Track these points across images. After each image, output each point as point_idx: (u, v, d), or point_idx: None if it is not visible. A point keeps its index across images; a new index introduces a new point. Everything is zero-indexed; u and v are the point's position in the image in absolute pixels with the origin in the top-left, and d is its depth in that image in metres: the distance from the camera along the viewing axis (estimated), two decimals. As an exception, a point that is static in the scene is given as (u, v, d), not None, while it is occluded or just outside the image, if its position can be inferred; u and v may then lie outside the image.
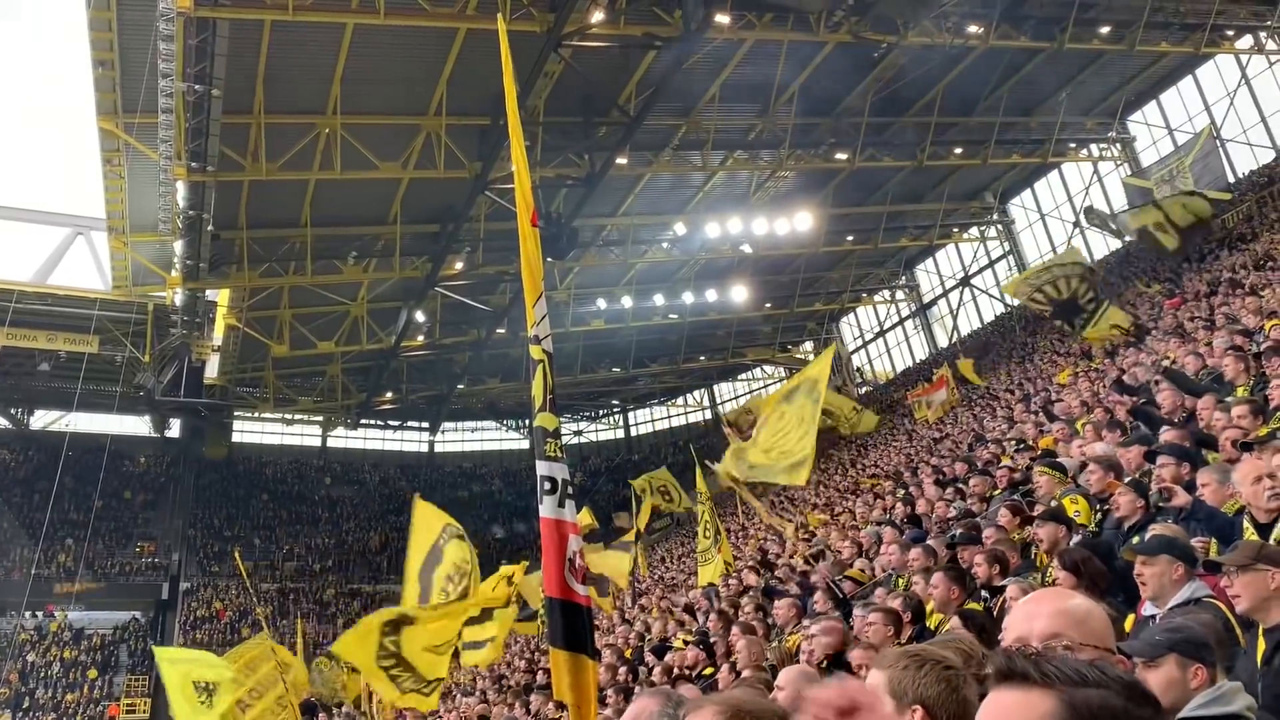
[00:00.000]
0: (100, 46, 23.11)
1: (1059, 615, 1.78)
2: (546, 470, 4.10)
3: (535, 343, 4.22)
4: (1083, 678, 1.31)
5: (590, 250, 34.94)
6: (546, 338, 4.26)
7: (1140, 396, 10.25)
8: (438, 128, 26.04)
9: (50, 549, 39.31)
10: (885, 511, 13.22)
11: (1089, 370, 18.14)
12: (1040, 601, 1.87)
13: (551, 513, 4.03)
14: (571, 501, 4.14)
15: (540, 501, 4.07)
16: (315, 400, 42.85)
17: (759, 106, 29.62)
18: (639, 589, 23.71)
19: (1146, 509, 5.51)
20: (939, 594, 5.70)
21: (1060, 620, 1.77)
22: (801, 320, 48.17)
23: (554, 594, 3.93)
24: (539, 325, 4.26)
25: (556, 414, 4.24)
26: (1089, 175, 37.72)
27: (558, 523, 4.02)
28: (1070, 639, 1.75)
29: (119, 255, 31.69)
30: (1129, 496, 5.61)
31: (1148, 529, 5.14)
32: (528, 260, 4.40)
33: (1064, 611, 1.79)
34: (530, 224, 4.45)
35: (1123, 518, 5.60)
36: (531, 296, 4.32)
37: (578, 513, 4.86)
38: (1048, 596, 1.91)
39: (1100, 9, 27.45)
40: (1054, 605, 1.83)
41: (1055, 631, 1.76)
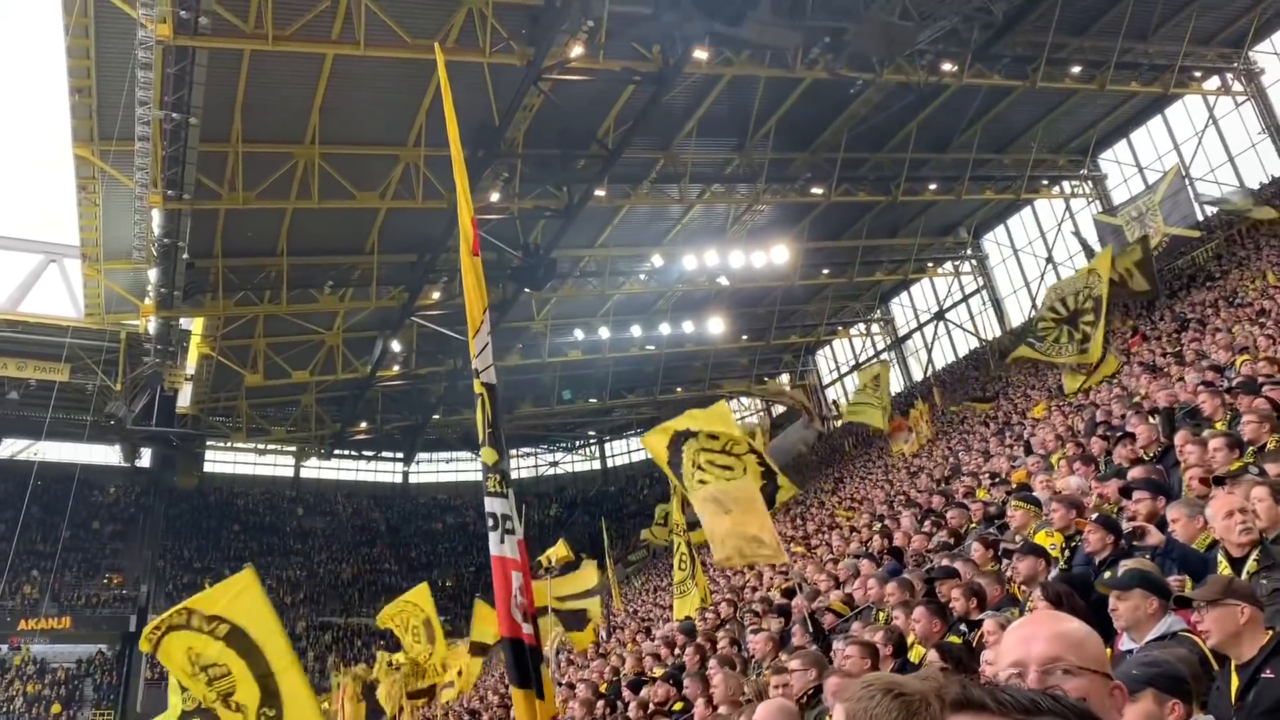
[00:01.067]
0: (78, 74, 23.04)
1: (1057, 639, 1.76)
2: (490, 506, 4.01)
3: (475, 376, 4.13)
4: (1037, 706, 1.32)
5: (568, 281, 35.00)
6: (487, 369, 4.17)
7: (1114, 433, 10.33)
8: (416, 158, 26.07)
9: (16, 580, 38.64)
10: (862, 544, 13.22)
11: (1063, 404, 18.28)
12: (1036, 624, 1.84)
13: (495, 549, 3.96)
14: (511, 536, 4.02)
15: (490, 538, 3.99)
16: (289, 430, 42.49)
17: (736, 141, 29.90)
18: (614, 622, 23.55)
19: (1116, 544, 5.55)
20: (921, 627, 5.70)
21: (1059, 644, 1.75)
22: (778, 352, 48.39)
23: (504, 633, 3.86)
24: (479, 357, 4.17)
25: (498, 448, 4.12)
26: (1061, 211, 38.25)
27: (501, 560, 3.94)
28: (1069, 663, 1.72)
29: (92, 283, 31.44)
30: (1099, 533, 5.64)
31: (1119, 564, 5.18)
32: (468, 290, 4.32)
33: (1062, 635, 1.76)
34: (471, 254, 4.39)
35: (1093, 552, 5.64)
36: (472, 327, 4.23)
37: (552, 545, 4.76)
38: (1043, 619, 1.88)
39: (1071, 49, 27.96)
40: (1051, 628, 1.80)
41: (1055, 655, 1.73)
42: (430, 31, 21.35)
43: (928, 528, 10.93)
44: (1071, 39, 27.67)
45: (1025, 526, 7.50)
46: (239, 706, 7.25)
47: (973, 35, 25.43)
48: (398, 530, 51.37)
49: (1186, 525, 5.14)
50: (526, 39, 21.64)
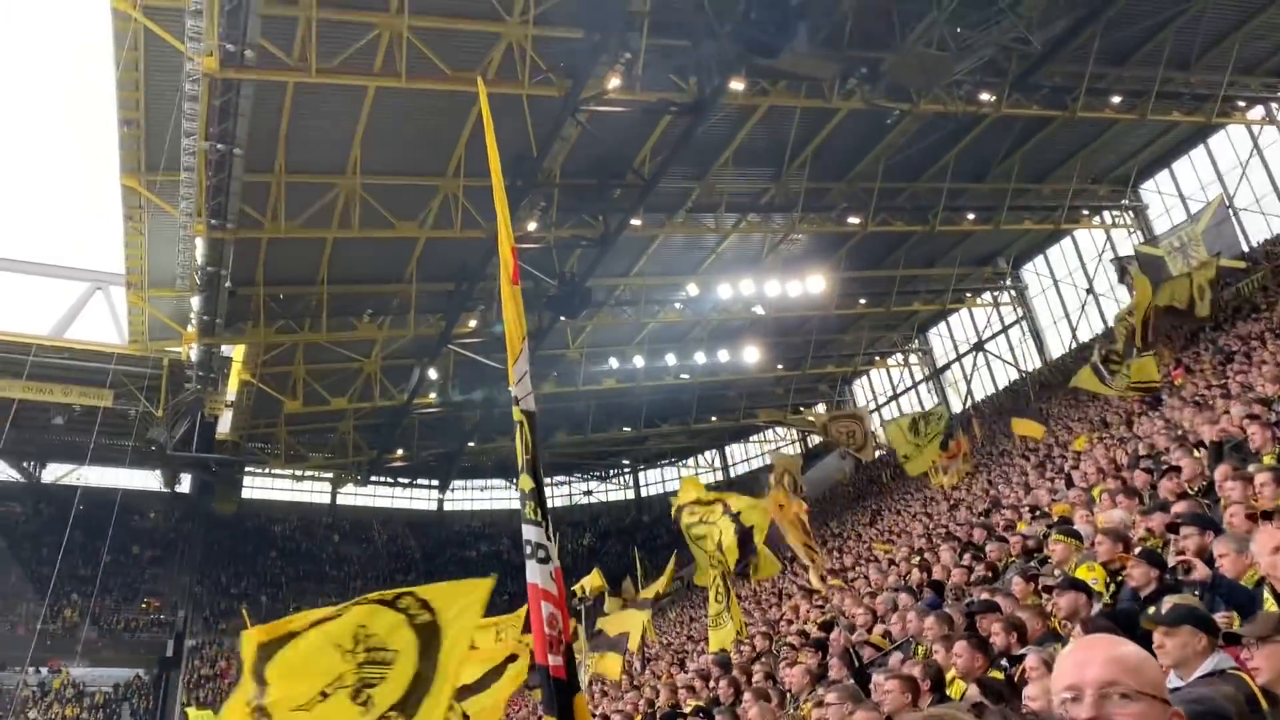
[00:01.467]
0: (127, 106, 23.56)
1: (1114, 662, 1.71)
2: (527, 533, 4.00)
3: (515, 403, 4.13)
4: None
5: (603, 310, 35.09)
6: (527, 397, 4.16)
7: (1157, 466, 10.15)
8: (455, 188, 26.36)
9: (57, 604, 39.14)
10: (901, 578, 13.05)
11: (1105, 437, 18.01)
12: (1092, 648, 1.79)
13: (531, 577, 3.93)
14: (545, 565, 3.99)
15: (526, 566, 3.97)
16: (326, 457, 42.81)
17: (772, 170, 29.94)
18: (649, 654, 23.40)
19: (1161, 579, 5.44)
20: (962, 662, 5.60)
21: (1114, 667, 1.70)
22: (814, 382, 48.12)
23: (540, 661, 3.84)
24: (519, 384, 4.17)
25: (535, 476, 4.10)
26: (1102, 242, 37.85)
27: (535, 588, 3.92)
28: (1127, 686, 1.67)
29: (136, 310, 31.98)
30: (1142, 568, 5.54)
31: (1164, 599, 5.07)
32: (508, 318, 4.33)
33: (1119, 658, 1.71)
34: (511, 282, 4.40)
35: (1137, 587, 5.52)
36: (512, 355, 4.23)
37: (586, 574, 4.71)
38: (1099, 643, 1.81)
39: (1111, 79, 27.77)
40: (1108, 651, 1.75)
41: (1111, 679, 1.68)
42: (470, 64, 21.66)
43: (967, 561, 10.77)
44: (1111, 69, 27.49)
45: (1067, 560, 7.38)
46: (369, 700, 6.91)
47: (1011, 65, 25.33)
48: (432, 557, 51.44)
49: (1234, 561, 5.03)
50: (565, 71, 21.86)
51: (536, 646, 3.87)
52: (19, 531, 42.83)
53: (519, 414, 4.10)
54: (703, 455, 56.79)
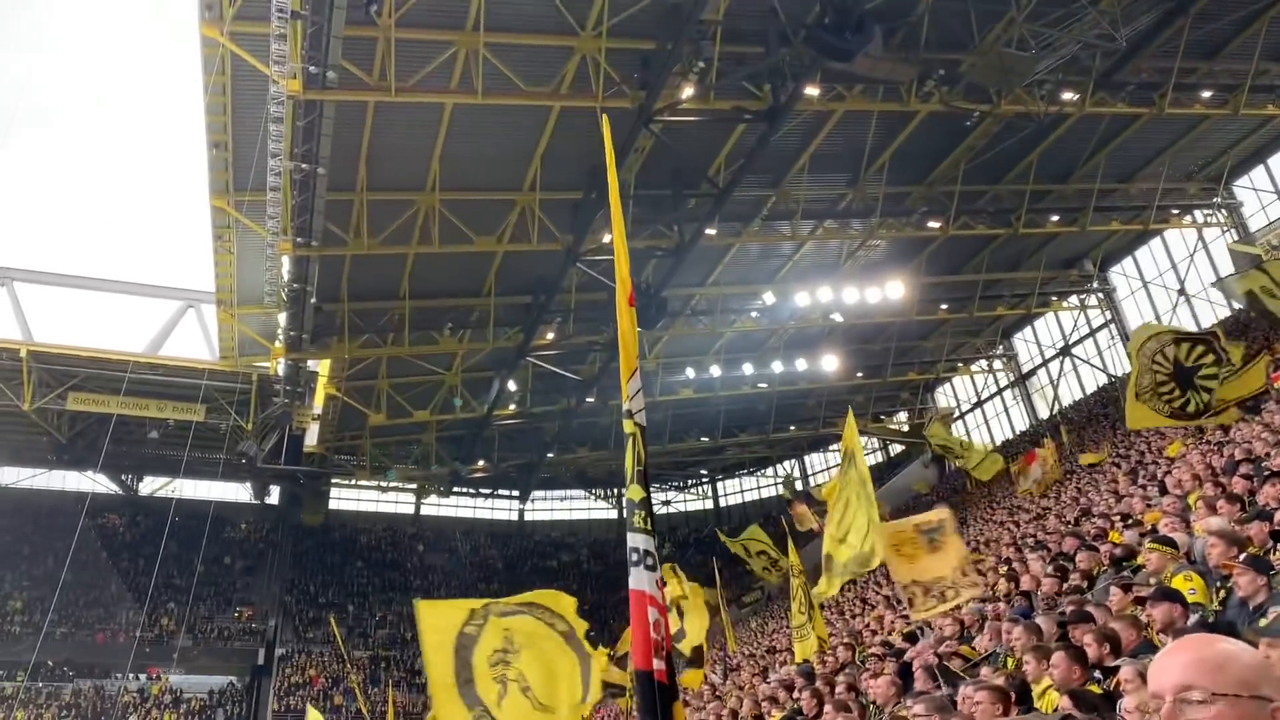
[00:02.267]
0: (215, 129, 24.34)
1: (1191, 665, 1.65)
2: (633, 541, 4.10)
3: (628, 416, 4.25)
4: None
5: (679, 320, 35.08)
6: (639, 412, 4.28)
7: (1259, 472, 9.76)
8: (532, 202, 26.65)
9: (154, 612, 40.45)
10: (989, 588, 12.77)
11: (1201, 442, 17.39)
12: (1173, 653, 1.73)
13: (639, 585, 4.03)
14: (652, 573, 4.11)
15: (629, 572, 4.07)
16: (409, 468, 43.52)
17: (849, 176, 29.63)
18: (731, 664, 23.27)
19: (1269, 587, 5.22)
20: (1059, 673, 5.44)
21: (1192, 670, 1.64)
22: (894, 390, 47.38)
23: (641, 666, 3.89)
24: (633, 400, 4.28)
25: (645, 486, 4.24)
26: (1194, 242, 36.64)
27: (641, 594, 4.01)
28: (1203, 688, 1.62)
29: (226, 327, 32.95)
30: (1249, 575, 5.31)
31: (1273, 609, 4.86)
32: (624, 337, 4.42)
33: (1198, 661, 1.65)
34: (628, 303, 4.49)
35: (1245, 597, 5.30)
36: (626, 372, 4.35)
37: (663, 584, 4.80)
38: (1185, 644, 1.74)
39: (1201, 74, 26.92)
40: (1188, 655, 1.68)
41: (1187, 683, 1.63)
42: (545, 78, 21.91)
43: (1055, 570, 10.49)
44: (1201, 63, 26.65)
45: (1162, 570, 7.13)
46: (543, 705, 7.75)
47: (1094, 62, 24.69)
48: (514, 568, 51.93)
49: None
50: (638, 82, 21.95)
51: (640, 651, 3.96)
52: (118, 542, 44.40)
53: (632, 426, 4.27)
54: (781, 465, 56.38)
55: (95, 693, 38.40)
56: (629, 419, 4.24)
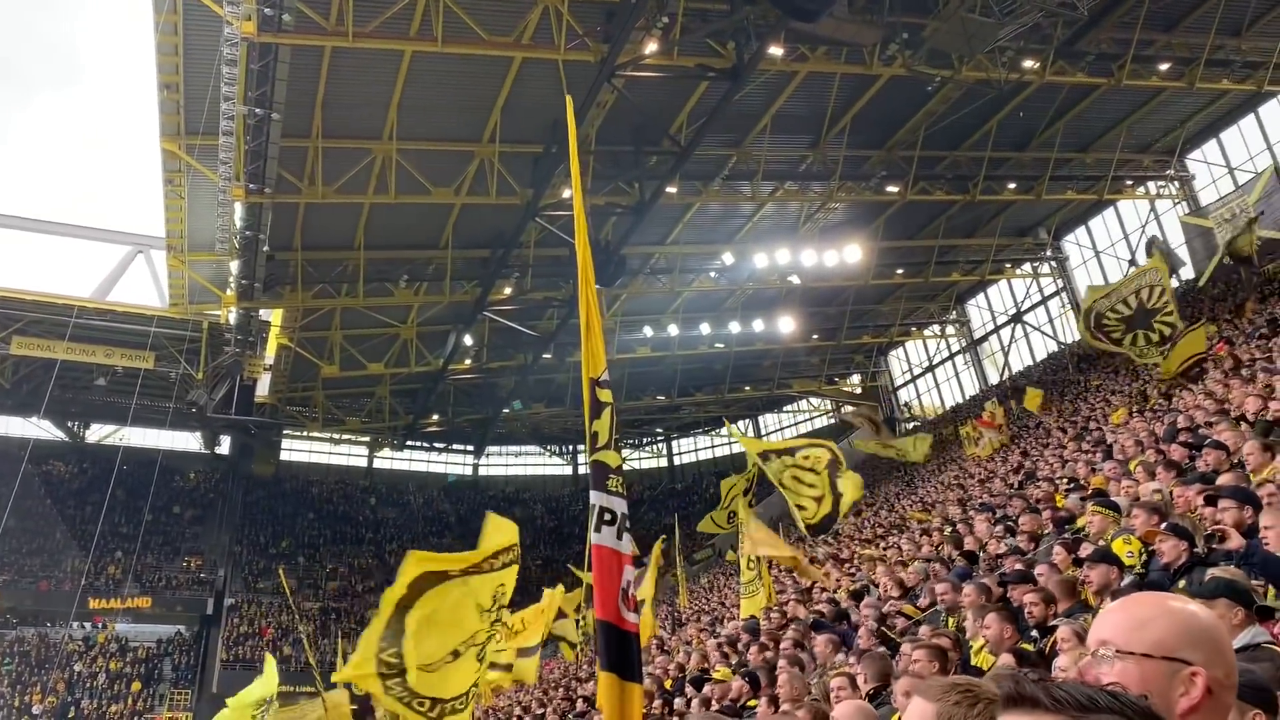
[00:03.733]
0: (166, 70, 23.71)
1: (1114, 622, 1.64)
2: (607, 503, 4.27)
3: (605, 386, 4.40)
4: (1094, 703, 1.29)
5: (638, 278, 35.04)
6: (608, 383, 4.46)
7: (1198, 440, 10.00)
8: (491, 154, 26.34)
9: (100, 561, 40.01)
10: (934, 549, 13.00)
11: (1145, 410, 17.77)
12: (1114, 608, 1.74)
13: (611, 543, 4.19)
14: (628, 535, 4.31)
15: (597, 530, 4.21)
16: (363, 421, 43.27)
17: (810, 138, 29.63)
18: (680, 618, 23.54)
19: (1190, 551, 5.39)
20: (992, 633, 5.57)
21: (1111, 627, 1.65)
22: (849, 353, 47.84)
23: (605, 617, 4.02)
24: (606, 371, 4.45)
25: (619, 451, 4.41)
26: (1146, 213, 37.20)
27: (616, 553, 4.17)
28: (1114, 645, 1.64)
29: (176, 274, 32.35)
30: (1171, 541, 5.49)
31: (1201, 571, 5.01)
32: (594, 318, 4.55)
33: (1122, 618, 1.65)
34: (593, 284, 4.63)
35: (1168, 562, 5.48)
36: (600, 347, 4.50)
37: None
38: (1124, 602, 1.74)
39: (1159, 46, 27.16)
40: (1118, 613, 1.69)
41: (1103, 638, 1.64)
42: (506, 28, 21.58)
43: (1000, 531, 10.71)
44: (1160, 35, 26.89)
45: (1104, 533, 7.31)
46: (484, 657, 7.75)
47: (1056, 31, 24.78)
48: (467, 522, 51.93)
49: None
50: (601, 36, 21.70)
51: (607, 605, 4.17)
52: (64, 490, 43.74)
53: (608, 395, 4.42)
54: (736, 424, 56.78)
55: (40, 640, 38.02)
56: (606, 388, 4.40)
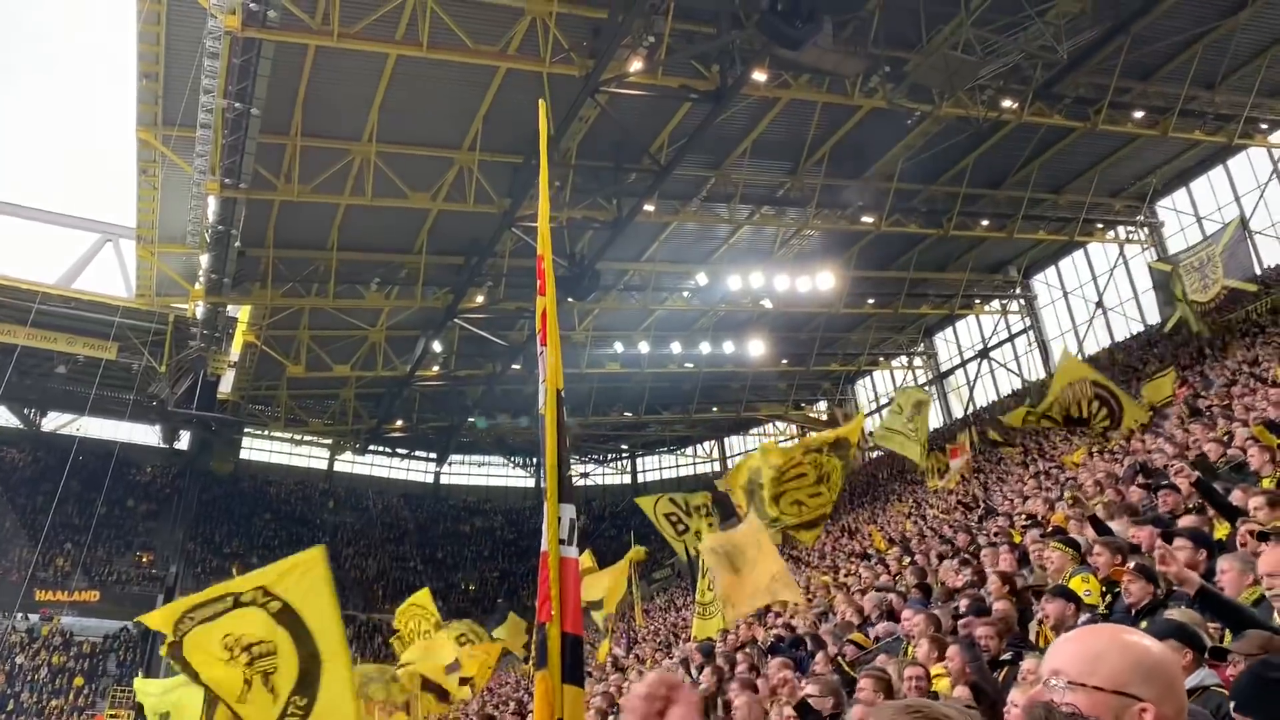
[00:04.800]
0: (147, 59, 23.51)
1: (1068, 653, 1.66)
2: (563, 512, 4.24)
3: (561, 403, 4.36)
4: None
5: (611, 293, 35.05)
6: None
7: (1155, 481, 10.11)
8: (470, 162, 26.30)
9: (49, 552, 39.26)
10: (892, 578, 13.04)
11: (1104, 451, 17.96)
12: (1068, 639, 1.76)
13: (574, 554, 4.18)
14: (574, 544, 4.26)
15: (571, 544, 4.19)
16: (326, 423, 42.89)
17: (789, 164, 29.84)
18: (635, 637, 23.44)
19: (1155, 594, 5.42)
20: (954, 665, 5.58)
21: (1066, 658, 1.66)
22: (817, 379, 48.09)
23: (573, 630, 4.01)
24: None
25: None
26: (1115, 256, 37.75)
27: (576, 562, 4.17)
28: (1067, 676, 1.65)
29: (145, 264, 32.00)
30: (1140, 583, 5.51)
31: (1158, 612, 5.05)
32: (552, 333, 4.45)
33: (1077, 650, 1.66)
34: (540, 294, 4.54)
35: (1132, 603, 5.51)
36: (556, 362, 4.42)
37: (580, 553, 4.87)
38: (1080, 633, 1.76)
39: (1135, 94, 27.63)
40: (1073, 644, 1.71)
41: (1056, 669, 1.67)
42: (493, 37, 21.59)
43: (957, 564, 10.75)
44: (1136, 83, 27.35)
45: (1063, 570, 7.35)
46: (274, 688, 6.89)
47: (1035, 73, 25.19)
48: (426, 530, 51.56)
49: (1236, 578, 4.99)
50: (587, 51, 21.77)
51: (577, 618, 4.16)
52: (16, 477, 42.93)
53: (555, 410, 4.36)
54: (701, 445, 56.82)
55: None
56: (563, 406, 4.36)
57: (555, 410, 4.30)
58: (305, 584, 7.09)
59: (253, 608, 6.99)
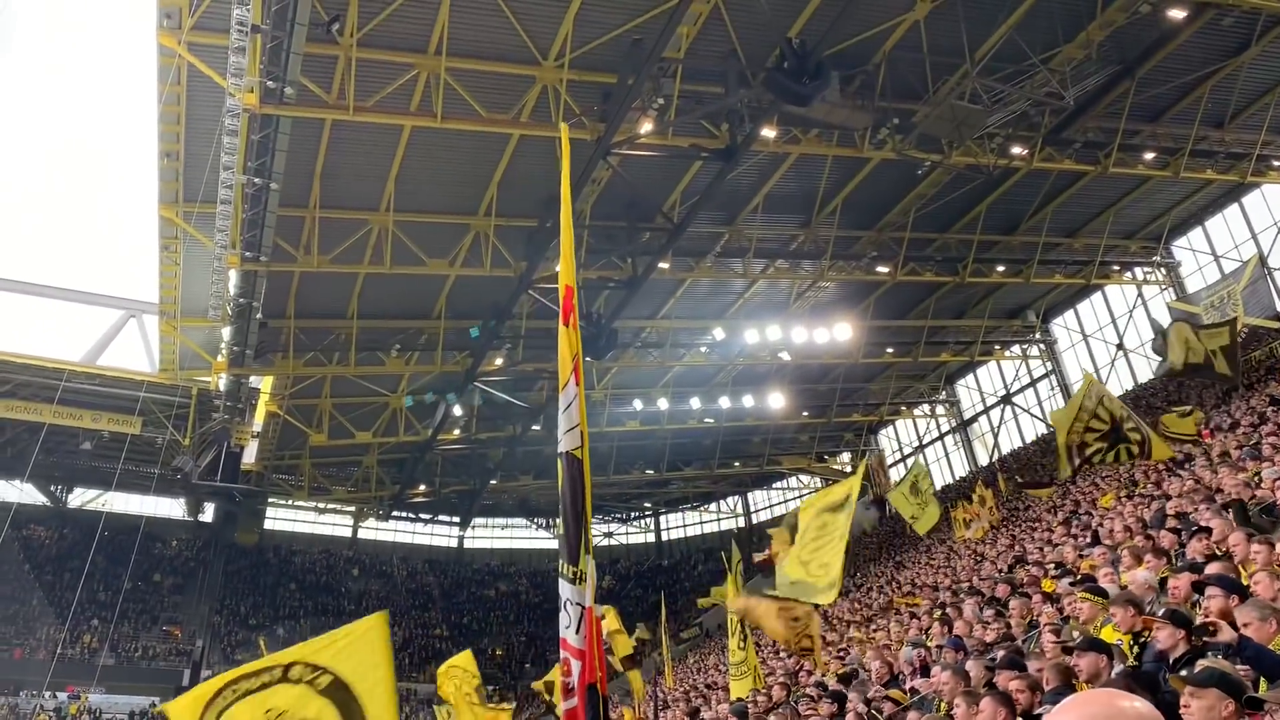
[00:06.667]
0: (168, 139, 23.99)
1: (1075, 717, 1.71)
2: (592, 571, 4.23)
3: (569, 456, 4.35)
4: None
5: (629, 351, 35.14)
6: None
7: (1185, 526, 9.99)
8: (487, 228, 26.61)
9: (77, 629, 39.27)
10: (921, 632, 12.86)
11: (1134, 495, 17.74)
12: (1067, 707, 1.79)
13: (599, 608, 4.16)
14: None
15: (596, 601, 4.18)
16: (349, 490, 42.94)
17: (802, 218, 30.03)
18: (664, 699, 23.11)
19: (1189, 640, 5.34)
20: (985, 716, 5.50)
21: None
22: (839, 430, 47.86)
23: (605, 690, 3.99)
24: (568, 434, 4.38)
25: None
26: (1133, 298, 37.62)
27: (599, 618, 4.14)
28: None
29: (168, 339, 32.33)
30: (1168, 629, 5.44)
31: (1195, 661, 4.97)
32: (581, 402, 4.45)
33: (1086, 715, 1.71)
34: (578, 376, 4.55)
35: (1164, 650, 5.43)
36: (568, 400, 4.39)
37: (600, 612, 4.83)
38: (1077, 700, 1.80)
39: (1145, 136, 27.74)
40: (1073, 711, 1.75)
41: None
42: (505, 106, 21.94)
43: (989, 616, 10.60)
44: (1145, 125, 27.46)
45: (1093, 619, 7.25)
46: None
47: (1044, 119, 25.32)
48: (451, 595, 51.30)
49: (1259, 628, 4.92)
50: (597, 115, 22.08)
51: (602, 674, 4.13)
52: (43, 555, 43.12)
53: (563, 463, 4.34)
54: (725, 501, 56.48)
55: (10, 710, 37.09)
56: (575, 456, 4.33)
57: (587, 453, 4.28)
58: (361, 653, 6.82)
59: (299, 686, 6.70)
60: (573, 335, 4.41)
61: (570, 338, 4.40)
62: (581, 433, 4.20)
